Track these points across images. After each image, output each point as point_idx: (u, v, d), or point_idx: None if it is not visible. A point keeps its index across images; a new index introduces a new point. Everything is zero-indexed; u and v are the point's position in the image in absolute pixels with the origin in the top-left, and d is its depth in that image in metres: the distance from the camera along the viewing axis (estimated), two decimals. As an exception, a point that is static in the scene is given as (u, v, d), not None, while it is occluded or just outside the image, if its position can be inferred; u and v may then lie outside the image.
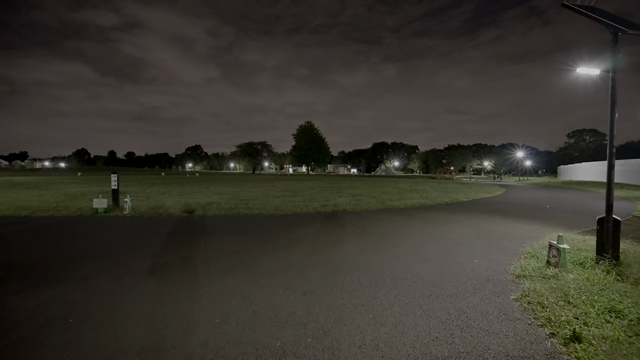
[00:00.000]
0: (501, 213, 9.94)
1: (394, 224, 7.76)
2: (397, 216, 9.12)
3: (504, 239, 6.20)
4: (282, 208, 10.32)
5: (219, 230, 6.97)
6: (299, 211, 9.88)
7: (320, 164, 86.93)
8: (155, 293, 3.49)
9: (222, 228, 7.20)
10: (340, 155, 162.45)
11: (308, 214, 9.50)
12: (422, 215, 9.26)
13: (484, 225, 7.77)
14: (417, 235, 6.47)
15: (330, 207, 10.67)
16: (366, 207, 10.99)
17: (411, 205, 11.80)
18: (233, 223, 7.86)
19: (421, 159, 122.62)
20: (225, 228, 7.21)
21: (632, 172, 29.62)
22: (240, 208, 10.24)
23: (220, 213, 9.40)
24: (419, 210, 10.56)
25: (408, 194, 15.78)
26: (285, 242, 5.82)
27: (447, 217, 9.07)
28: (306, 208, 10.40)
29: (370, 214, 9.47)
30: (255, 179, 39.36)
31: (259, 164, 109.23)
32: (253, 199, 12.99)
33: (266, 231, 6.85)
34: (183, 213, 9.44)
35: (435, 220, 8.36)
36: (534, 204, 12.79)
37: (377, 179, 45.26)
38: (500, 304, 3.22)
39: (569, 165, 49.17)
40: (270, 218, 8.68)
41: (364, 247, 5.48)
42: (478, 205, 12.01)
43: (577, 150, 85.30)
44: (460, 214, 9.75)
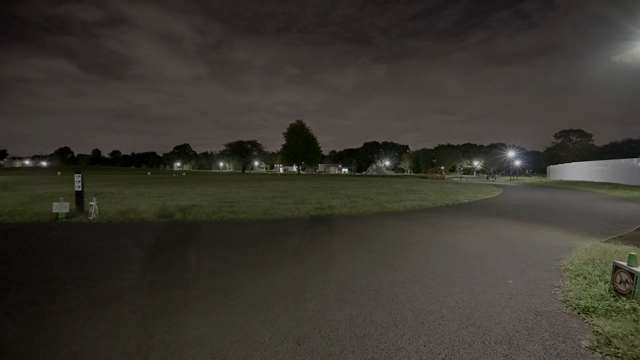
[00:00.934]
0: (510, 216, 9.16)
1: (398, 231, 6.84)
2: (399, 221, 8.21)
3: (529, 249, 5.35)
4: (272, 212, 9.30)
5: (195, 240, 5.91)
6: (290, 215, 8.88)
7: (311, 163, 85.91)
8: (83, 345, 2.44)
9: (199, 238, 6.14)
10: (331, 155, 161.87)
11: (300, 218, 8.51)
12: (425, 220, 8.38)
13: (498, 231, 6.93)
14: (427, 246, 5.55)
15: (325, 211, 9.70)
16: (363, 210, 10.06)
17: (411, 207, 10.93)
18: (214, 231, 6.80)
19: (412, 158, 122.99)
20: (203, 238, 6.15)
21: (623, 172, 29.67)
22: (224, 212, 9.17)
23: (200, 218, 8.31)
24: (420, 213, 9.69)
25: (405, 195, 14.95)
26: (274, 257, 4.82)
27: (453, 221, 8.21)
28: (298, 212, 9.41)
29: (369, 219, 8.54)
30: (244, 178, 38.07)
31: (249, 163, 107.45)
32: (240, 201, 11.91)
33: (252, 241, 5.83)
34: (158, 218, 8.32)
35: (442, 226, 7.48)
36: (539, 205, 12.11)
37: (369, 178, 44.55)
38: (574, 357, 2.31)
39: (558, 165, 49.52)
40: (257, 224, 7.65)
41: (370, 263, 4.52)
42: (482, 208, 11.24)
43: (564, 150, 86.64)
44: (467, 217, 8.92)
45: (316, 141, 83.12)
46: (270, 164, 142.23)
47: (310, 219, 8.38)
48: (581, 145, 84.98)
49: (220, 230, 6.83)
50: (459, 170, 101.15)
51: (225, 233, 6.57)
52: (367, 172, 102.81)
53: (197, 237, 6.14)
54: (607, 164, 32.94)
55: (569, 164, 44.53)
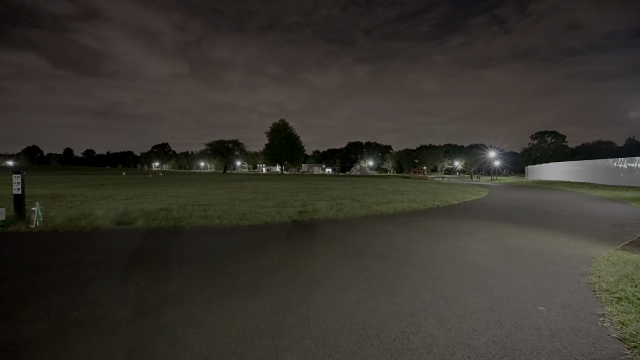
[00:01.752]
0: (508, 220, 8.58)
1: (393, 239, 6.04)
2: (392, 226, 7.43)
3: (544, 260, 4.66)
4: (250, 216, 8.31)
5: (152, 255, 4.87)
6: (270, 221, 7.92)
7: (294, 163, 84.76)
8: None
9: (159, 251, 5.09)
10: (314, 155, 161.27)
11: (282, 224, 7.57)
12: (420, 224, 7.64)
13: (501, 237, 6.26)
14: (430, 258, 4.77)
15: (309, 214, 8.80)
16: (351, 213, 9.24)
17: (401, 210, 10.22)
18: (179, 241, 5.76)
19: (395, 158, 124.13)
20: (164, 251, 5.11)
21: (599, 172, 30.43)
22: (195, 217, 8.10)
23: (166, 225, 7.21)
24: (412, 217, 8.97)
25: (393, 197, 14.28)
26: (247, 278, 3.87)
27: (450, 226, 7.52)
28: (279, 216, 8.46)
29: (358, 224, 7.72)
30: (224, 179, 36.59)
31: (231, 163, 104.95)
32: (216, 204, 10.82)
33: (222, 255, 4.85)
34: (115, 226, 7.15)
35: (439, 232, 6.75)
36: (531, 207, 11.70)
37: (354, 178, 44.03)
38: None
39: (536, 165, 50.87)
40: (232, 232, 6.65)
41: (366, 284, 3.67)
42: (474, 210, 10.67)
43: (540, 151, 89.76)
44: (463, 221, 8.26)
45: (299, 141, 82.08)
46: (253, 164, 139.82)
47: (293, 225, 7.46)
48: (555, 146, 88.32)
49: (187, 241, 5.79)
50: (441, 170, 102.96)
51: (191, 244, 5.55)
52: (350, 172, 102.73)
53: (156, 251, 5.09)
54: (584, 164, 33.77)
55: (547, 165, 45.71)
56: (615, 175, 27.79)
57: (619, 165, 27.70)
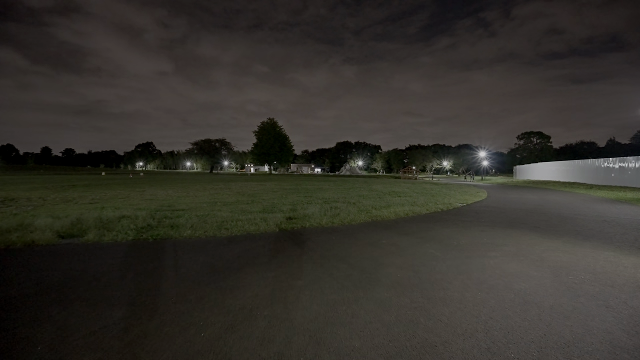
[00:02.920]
0: (527, 227, 7.53)
1: (406, 255, 4.85)
2: (399, 236, 6.25)
3: (613, 288, 3.54)
4: (230, 225, 6.99)
5: (80, 288, 3.50)
6: (254, 230, 6.62)
7: (283, 163, 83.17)
8: None
9: (93, 281, 3.72)
10: (303, 155, 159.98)
11: (267, 235, 6.28)
12: (432, 234, 6.49)
13: (535, 251, 5.16)
14: (463, 287, 3.58)
15: (300, 221, 7.54)
16: (348, 219, 8.02)
17: (404, 214, 9.08)
18: (126, 266, 4.39)
19: (384, 158, 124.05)
20: (99, 281, 3.74)
21: (589, 172, 30.28)
22: (163, 227, 6.72)
23: (123, 239, 5.81)
24: (419, 223, 7.83)
25: (390, 199, 13.17)
26: (211, 333, 2.59)
27: (467, 236, 6.39)
28: (265, 224, 7.16)
29: (359, 233, 6.50)
30: (210, 179, 34.85)
31: (218, 162, 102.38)
32: (192, 209, 9.43)
33: (181, 288, 3.53)
34: (58, 239, 5.71)
35: (458, 244, 5.61)
36: (541, 209, 10.76)
37: (344, 179, 42.93)
38: None
39: (525, 165, 50.99)
40: (204, 247, 5.33)
41: (390, 342, 2.44)
42: (484, 214, 9.63)
43: (526, 151, 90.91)
44: (478, 229, 7.16)
45: (288, 140, 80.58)
46: (240, 163, 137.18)
47: (280, 236, 6.18)
48: (541, 146, 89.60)
49: (140, 264, 4.43)
50: (430, 170, 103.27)
51: (144, 270, 4.19)
52: (340, 172, 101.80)
53: (90, 281, 3.73)
54: (573, 164, 33.68)
55: (536, 164, 45.78)
56: (607, 175, 27.61)
57: (610, 165, 27.52)
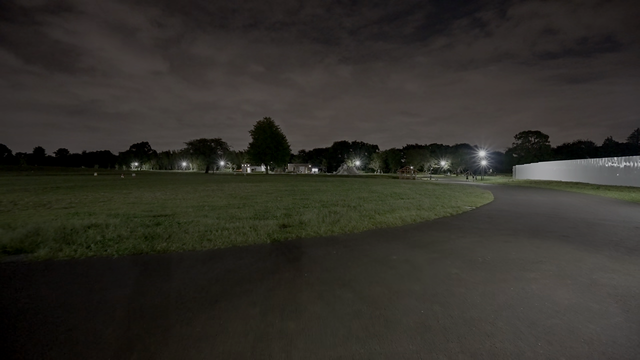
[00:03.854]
0: (554, 235, 6.63)
1: (424, 278, 3.91)
2: (411, 249, 5.31)
3: None
4: (214, 235, 6.03)
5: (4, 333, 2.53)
6: (241, 242, 5.66)
7: (279, 163, 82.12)
8: None
9: (6, 317, 2.75)
10: (300, 155, 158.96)
11: (256, 248, 5.32)
12: (449, 246, 5.56)
13: (581, 271, 4.24)
14: (513, 333, 2.64)
15: (295, 230, 6.59)
16: (350, 227, 7.08)
17: (411, 220, 8.15)
18: (70, 292, 3.40)
19: (381, 158, 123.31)
20: (10, 319, 2.77)
21: (592, 172, 29.62)
22: (135, 238, 5.74)
23: (81, 255, 4.81)
24: (430, 231, 6.90)
25: (393, 201, 12.25)
26: None
27: (491, 249, 5.47)
28: (255, 234, 6.21)
29: (363, 245, 5.56)
30: (204, 180, 33.79)
31: (214, 163, 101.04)
32: (176, 214, 8.46)
33: (121, 338, 2.57)
34: (2, 255, 4.72)
35: (485, 261, 4.68)
36: (560, 213, 9.88)
37: (342, 179, 42.00)
38: None
39: (525, 165, 50.31)
40: (177, 266, 4.36)
41: None
42: (499, 219, 8.73)
43: (524, 151, 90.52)
44: (501, 239, 6.24)
45: (285, 140, 79.54)
46: (237, 164, 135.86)
47: (271, 249, 5.23)
48: (539, 145, 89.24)
49: (87, 291, 3.44)
50: (427, 170, 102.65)
51: (86, 302, 3.21)
52: (337, 172, 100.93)
53: (22, 319, 2.75)
54: (576, 163, 33.00)
55: (536, 164, 45.12)
56: (611, 175, 26.93)
57: (615, 164, 26.85)
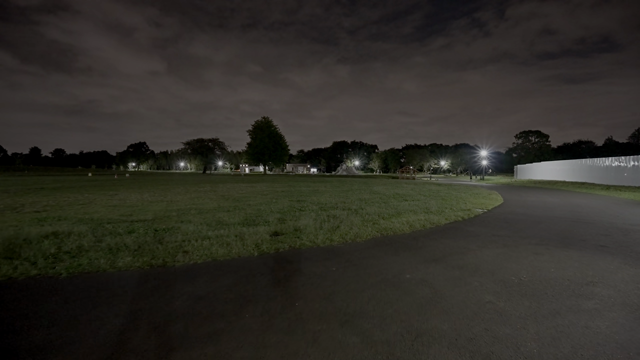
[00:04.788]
0: (591, 246, 5.70)
1: (454, 312, 2.97)
2: (426, 264, 4.38)
3: None
4: (192, 245, 5.08)
5: None
6: (222, 255, 4.71)
7: (278, 163, 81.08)
8: None
9: None
10: (299, 155, 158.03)
11: (240, 262, 4.38)
12: (473, 262, 4.62)
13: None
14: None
15: (288, 239, 5.65)
16: (352, 235, 6.15)
17: (420, 226, 7.22)
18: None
19: (381, 158, 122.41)
20: None
21: (598, 171, 28.77)
22: (97, 250, 4.79)
23: (23, 273, 3.86)
24: (444, 240, 5.97)
25: (397, 203, 11.33)
26: None
27: (525, 266, 4.54)
28: (240, 244, 5.27)
29: (368, 260, 4.63)
30: (199, 180, 32.80)
31: (211, 163, 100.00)
32: (156, 220, 7.51)
33: None
34: None
35: (522, 283, 3.74)
36: (583, 218, 8.96)
37: (342, 179, 41.06)
38: None
39: (527, 165, 49.43)
40: (134, 290, 3.40)
41: None
42: (518, 226, 7.80)
43: (524, 150, 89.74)
44: (531, 251, 5.32)
45: (283, 139, 78.50)
46: (235, 164, 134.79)
47: (257, 266, 4.29)
48: (539, 145, 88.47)
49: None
50: (427, 170, 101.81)
51: None
52: (336, 172, 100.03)
53: None
54: (580, 163, 32.17)
55: (539, 164, 44.29)
56: (618, 175, 26.10)
57: (622, 164, 26.01)
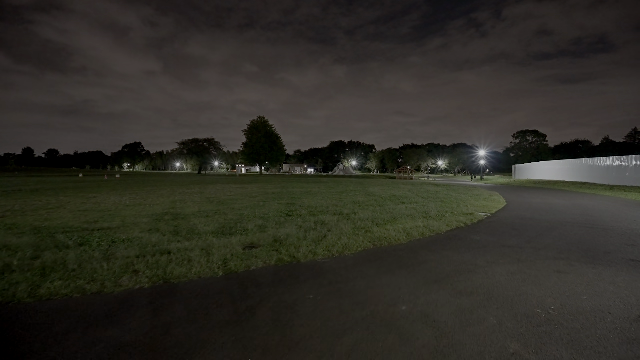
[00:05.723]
0: (621, 260, 4.84)
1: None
2: (429, 290, 3.51)
3: None
4: (145, 263, 4.20)
5: None
6: (178, 275, 3.82)
7: (274, 163, 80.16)
8: None
9: None
10: (296, 155, 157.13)
11: (196, 287, 3.49)
12: (485, 284, 3.76)
13: None
14: None
15: (263, 254, 4.78)
16: (340, 247, 5.28)
17: (419, 235, 6.37)
18: None
19: (378, 158, 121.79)
20: None
21: (598, 171, 28.06)
22: (24, 272, 3.90)
23: None
24: (448, 253, 5.12)
25: (393, 207, 10.48)
26: None
27: (551, 291, 3.68)
28: (205, 260, 4.38)
29: (357, 282, 3.75)
30: (191, 181, 31.84)
31: (207, 163, 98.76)
32: (121, 228, 6.61)
33: None
34: None
35: (551, 319, 2.88)
36: (599, 223, 8.14)
37: (337, 180, 40.21)
38: None
39: (526, 165, 48.84)
40: (35, 338, 2.53)
41: None
42: (528, 233, 6.96)
43: (522, 150, 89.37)
44: (553, 269, 4.46)
45: (280, 139, 77.61)
46: (232, 164, 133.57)
47: (217, 292, 3.40)
48: (537, 145, 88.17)
49: None
50: (425, 170, 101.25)
51: None
52: (333, 172, 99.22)
53: None
54: (579, 163, 31.51)
55: (538, 163, 43.69)
56: (620, 175, 25.42)
57: (623, 163, 25.34)
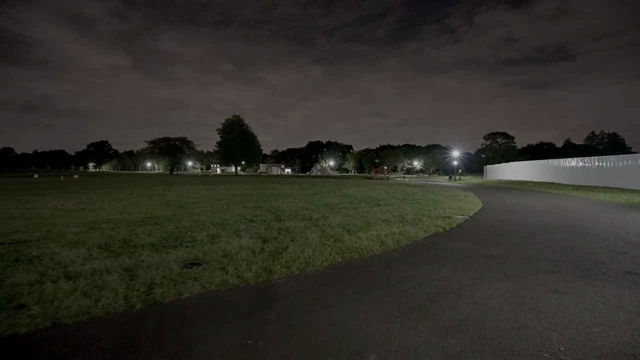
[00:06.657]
0: (617, 274, 4.33)
1: None
2: (405, 327, 2.71)
3: None
4: (37, 294, 3.10)
5: None
6: (76, 312, 2.76)
7: (250, 163, 78.14)
8: None
9: None
10: (273, 155, 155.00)
11: (97, 329, 2.45)
12: (473, 313, 3.02)
13: None
14: None
15: (205, 275, 3.80)
16: (302, 262, 4.41)
17: (394, 244, 5.63)
18: None
19: (356, 158, 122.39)
20: None
21: (564, 172, 29.12)
22: None
23: None
24: (424, 267, 4.39)
25: (368, 209, 9.76)
26: None
27: (550, 316, 3.00)
28: (122, 287, 3.34)
29: (314, 314, 2.89)
30: (158, 182, 29.80)
31: (180, 163, 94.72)
32: (40, 240, 5.35)
33: None
34: None
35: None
36: (580, 227, 7.80)
37: (314, 180, 39.37)
38: None
39: (496, 165, 50.45)
40: None
41: None
42: (510, 240, 6.42)
43: (492, 152, 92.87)
44: (549, 287, 3.81)
45: (256, 139, 75.76)
46: (206, 164, 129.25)
47: (122, 340, 2.42)
48: (506, 146, 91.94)
49: None
50: (401, 170, 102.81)
51: None
52: (311, 172, 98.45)
53: None
54: (547, 164, 32.66)
55: (507, 164, 45.12)
56: (584, 175, 26.46)
57: (587, 164, 26.39)
